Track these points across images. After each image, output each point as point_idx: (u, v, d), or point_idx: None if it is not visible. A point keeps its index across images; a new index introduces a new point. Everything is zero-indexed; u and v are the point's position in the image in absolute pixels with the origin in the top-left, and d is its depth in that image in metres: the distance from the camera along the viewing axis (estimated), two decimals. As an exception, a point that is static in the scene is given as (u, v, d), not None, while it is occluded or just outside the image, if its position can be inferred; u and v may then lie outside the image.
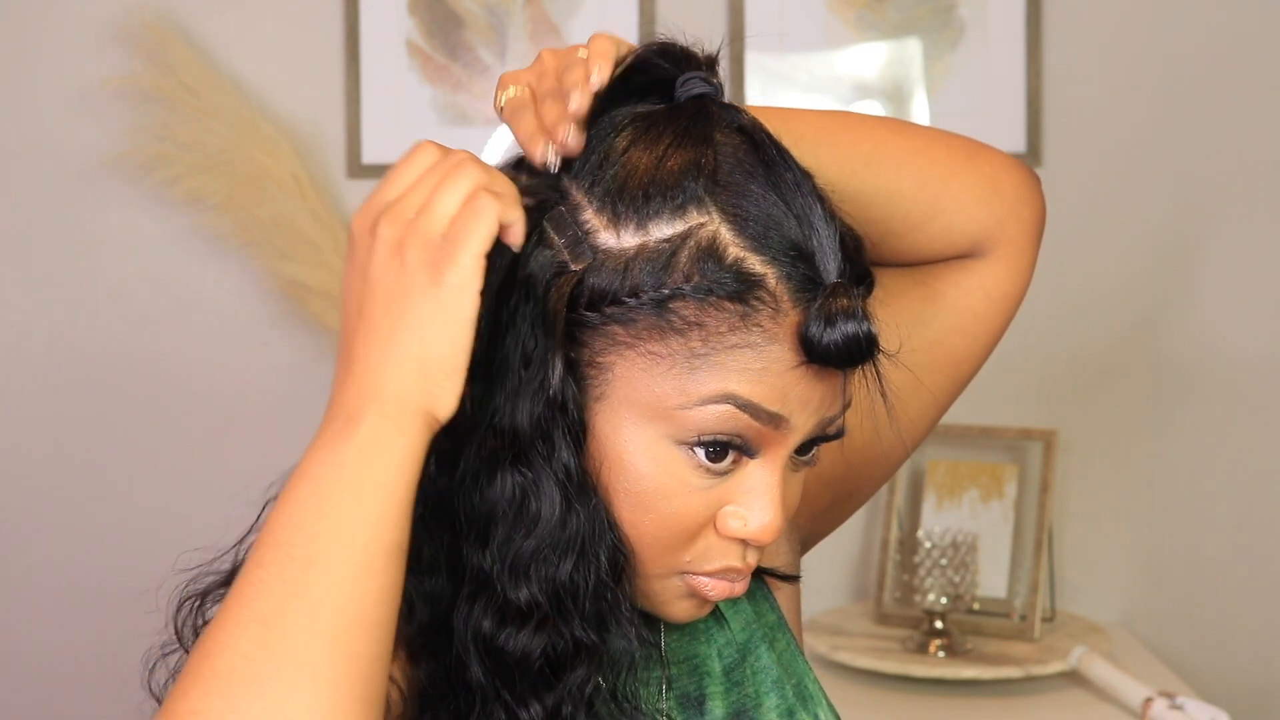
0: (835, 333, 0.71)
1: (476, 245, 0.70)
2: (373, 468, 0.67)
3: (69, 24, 2.21)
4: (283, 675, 0.62)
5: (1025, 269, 0.97)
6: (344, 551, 0.65)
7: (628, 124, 0.77)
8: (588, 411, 0.74)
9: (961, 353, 0.97)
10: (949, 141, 0.95)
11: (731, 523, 0.76)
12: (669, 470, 0.74)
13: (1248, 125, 2.15)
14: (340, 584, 0.64)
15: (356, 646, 0.64)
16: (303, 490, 0.67)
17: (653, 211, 0.73)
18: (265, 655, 0.62)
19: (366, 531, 0.66)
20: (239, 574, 0.66)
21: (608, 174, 0.75)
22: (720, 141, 0.75)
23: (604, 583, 0.74)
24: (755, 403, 0.73)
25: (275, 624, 0.63)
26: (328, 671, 0.62)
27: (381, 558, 0.66)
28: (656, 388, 0.73)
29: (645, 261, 0.73)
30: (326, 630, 0.63)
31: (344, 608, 0.64)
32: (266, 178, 2.14)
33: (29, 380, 2.25)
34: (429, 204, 0.71)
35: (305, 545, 0.65)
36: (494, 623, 0.73)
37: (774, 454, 0.75)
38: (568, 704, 0.74)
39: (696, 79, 0.77)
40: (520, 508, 0.73)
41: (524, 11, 2.20)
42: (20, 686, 2.26)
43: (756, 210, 0.73)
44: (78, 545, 2.26)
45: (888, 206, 0.92)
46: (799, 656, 0.92)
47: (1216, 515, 2.17)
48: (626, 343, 0.73)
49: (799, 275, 0.73)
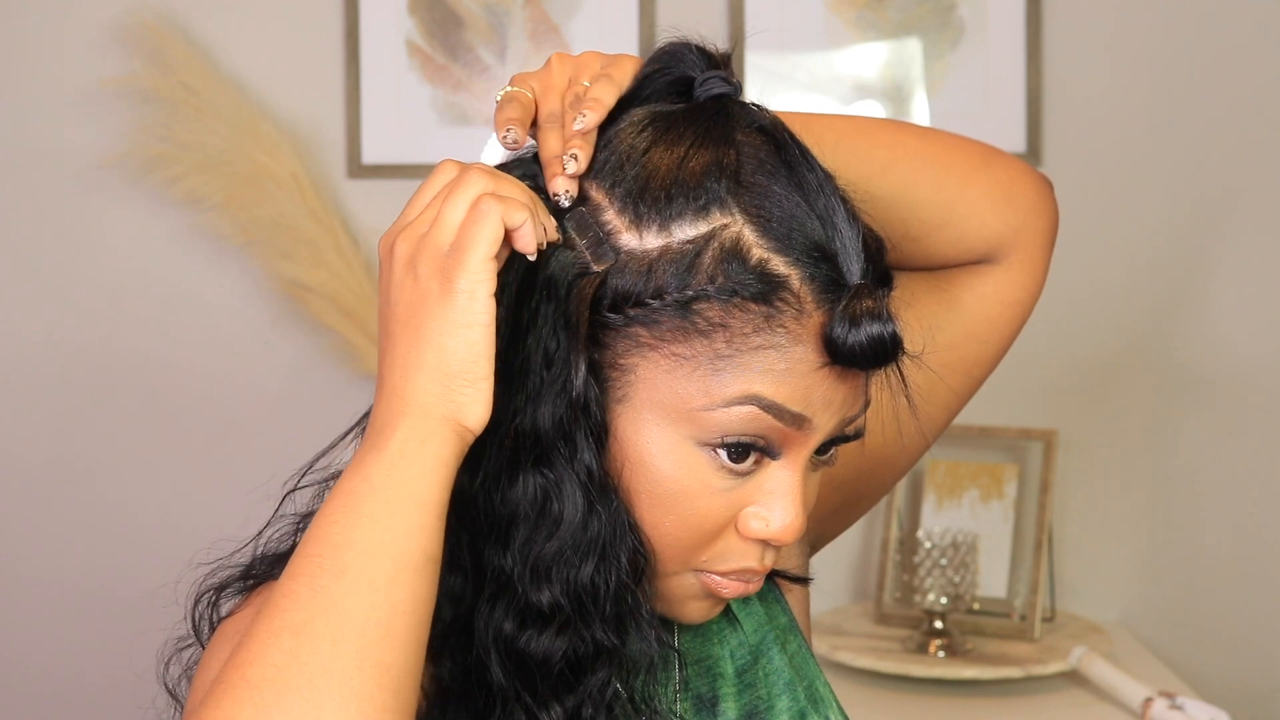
0: (860, 334, 0.72)
1: (483, 249, 0.70)
2: (402, 479, 0.67)
3: (69, 24, 2.21)
4: (313, 686, 0.62)
5: (1038, 275, 0.98)
6: (374, 562, 0.65)
7: (648, 124, 0.77)
8: (610, 413, 0.74)
9: (975, 357, 0.97)
10: (965, 148, 0.96)
11: (754, 524, 0.76)
12: (691, 472, 0.74)
13: (1248, 125, 2.15)
14: (370, 595, 0.64)
15: (386, 658, 0.64)
16: (336, 504, 0.67)
17: (675, 212, 0.73)
18: (296, 666, 0.62)
19: (396, 543, 0.66)
20: (276, 587, 0.67)
21: (629, 174, 0.75)
22: (742, 142, 0.75)
23: (625, 585, 0.74)
24: (779, 404, 0.73)
25: (306, 634, 0.63)
26: (357, 683, 0.62)
27: (411, 569, 0.66)
28: (680, 389, 0.73)
29: (669, 263, 0.73)
30: (355, 641, 0.63)
31: (373, 619, 0.64)
32: (266, 178, 2.14)
33: (28, 380, 2.25)
34: (438, 217, 0.71)
35: (336, 556, 0.65)
36: (515, 625, 0.73)
37: (796, 454, 0.75)
38: (588, 706, 0.74)
39: (717, 79, 0.78)
40: (542, 509, 0.73)
41: (524, 11, 2.20)
42: (16, 691, 2.26)
43: (779, 211, 0.73)
44: (77, 546, 2.26)
45: (904, 212, 0.92)
46: (810, 659, 0.92)
47: (1217, 515, 2.17)
48: (650, 344, 0.73)
49: (822, 276, 0.73)
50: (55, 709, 2.25)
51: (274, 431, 2.19)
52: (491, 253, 0.70)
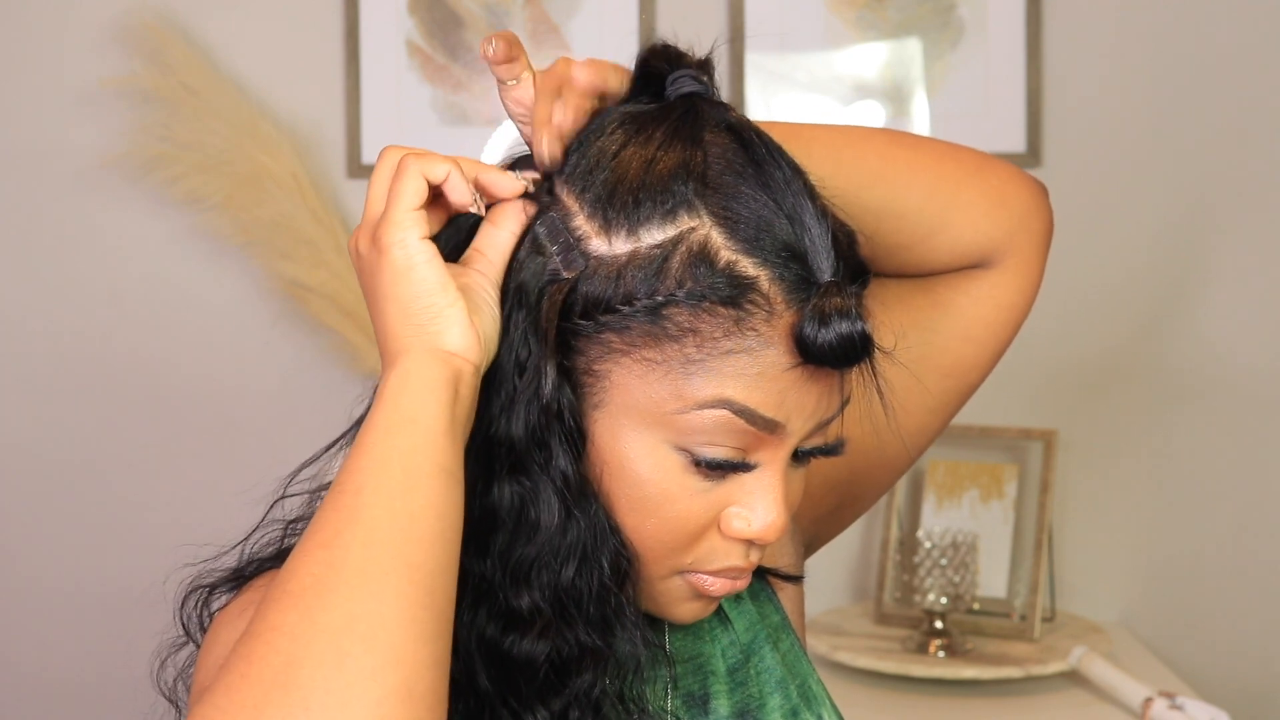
0: (830, 332, 0.71)
1: (404, 200, 0.72)
2: (396, 408, 0.70)
3: (69, 24, 2.21)
4: (351, 587, 0.64)
5: (1034, 279, 0.98)
6: (385, 475, 0.67)
7: (618, 125, 0.77)
8: (586, 419, 0.75)
9: (970, 360, 0.97)
10: (956, 155, 0.96)
11: (735, 523, 0.76)
12: (669, 475, 0.74)
13: (1248, 126, 2.15)
14: (388, 503, 0.67)
15: (415, 558, 0.65)
16: (351, 454, 0.70)
17: (643, 217, 0.73)
18: (332, 572, 0.65)
19: (403, 457, 0.68)
20: (309, 524, 0.69)
21: (598, 179, 0.75)
22: (709, 141, 0.75)
23: (607, 587, 0.74)
24: (751, 408, 0.73)
25: (337, 545, 0.65)
26: (393, 581, 0.64)
27: (424, 476, 0.68)
28: (653, 394, 0.73)
29: (637, 268, 0.73)
30: (383, 544, 0.65)
31: (395, 525, 0.66)
32: (266, 178, 2.14)
33: (29, 380, 2.25)
34: (370, 199, 0.75)
35: (352, 479, 0.68)
36: (498, 629, 0.74)
37: (772, 456, 0.76)
38: (575, 708, 0.74)
39: (686, 77, 0.78)
40: (520, 516, 0.74)
41: (524, 11, 2.20)
42: (18, 689, 2.26)
43: (747, 212, 0.73)
44: (77, 546, 2.26)
45: (897, 220, 0.92)
46: (803, 657, 0.92)
47: (1216, 515, 2.17)
48: (622, 350, 0.73)
49: (792, 276, 0.73)
50: (56, 710, 2.25)
51: (274, 431, 2.19)
52: (414, 203, 0.72)
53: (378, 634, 0.63)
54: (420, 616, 0.64)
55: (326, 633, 0.62)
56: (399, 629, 0.63)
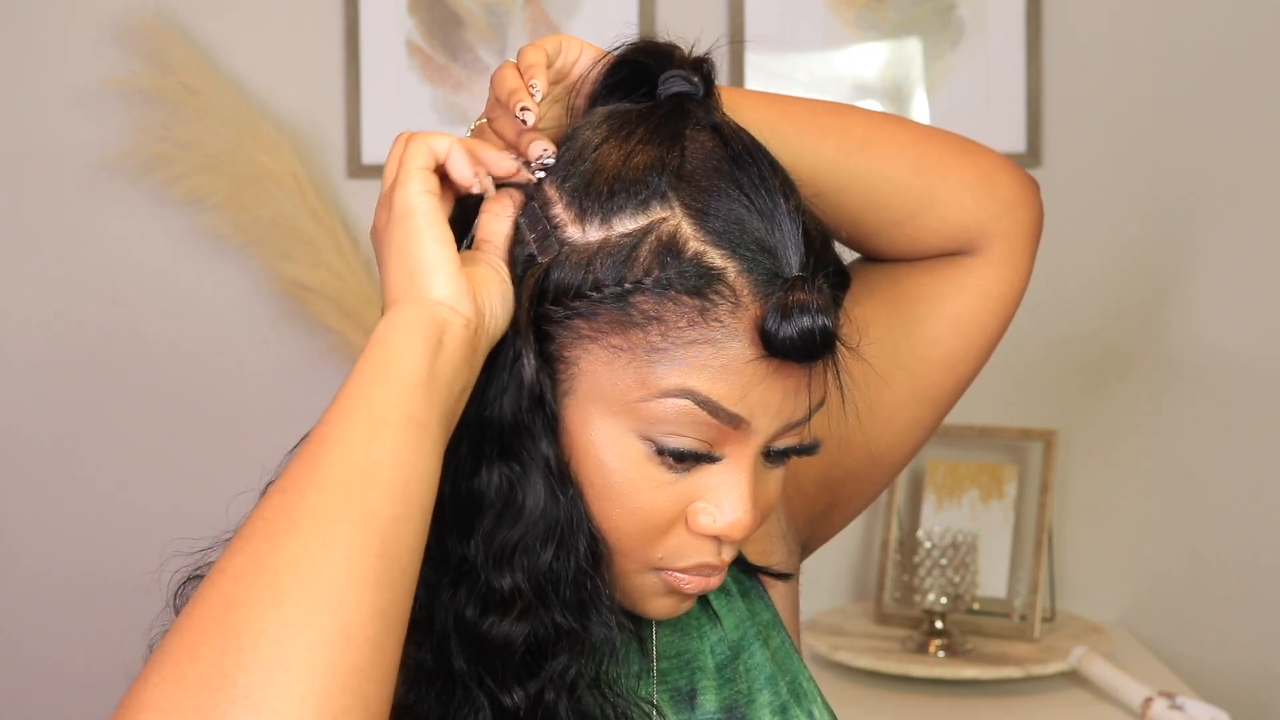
0: (791, 326, 0.71)
1: (411, 165, 0.73)
2: (369, 358, 0.70)
3: (69, 24, 2.21)
4: (299, 529, 0.63)
5: (1022, 271, 0.98)
6: (349, 423, 0.67)
7: (604, 121, 0.78)
8: (559, 405, 0.75)
9: (959, 352, 0.97)
10: (945, 136, 0.97)
11: (702, 519, 0.76)
12: (635, 464, 0.75)
13: (1247, 125, 2.15)
14: (349, 451, 0.66)
15: (371, 506, 0.65)
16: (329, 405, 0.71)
17: (617, 206, 0.74)
18: (284, 515, 0.64)
19: (370, 407, 0.68)
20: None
21: (579, 170, 0.76)
22: (689, 138, 0.76)
23: (584, 570, 0.75)
24: (714, 400, 0.73)
25: (293, 490, 0.65)
26: (343, 527, 0.64)
27: (390, 427, 0.67)
28: (618, 381, 0.74)
29: (607, 255, 0.74)
30: (336, 489, 0.65)
31: (353, 470, 0.65)
32: (266, 178, 2.14)
33: (29, 380, 2.25)
34: (384, 178, 0.76)
35: (320, 428, 0.68)
36: (477, 610, 0.74)
37: (738, 452, 0.76)
38: (550, 690, 0.75)
39: (677, 78, 0.78)
40: (507, 499, 0.74)
41: (524, 11, 2.20)
42: (16, 681, 2.26)
43: (719, 205, 0.74)
44: (78, 545, 2.26)
45: (884, 193, 0.92)
46: (794, 654, 0.92)
47: (1216, 515, 2.17)
48: (590, 336, 0.74)
49: (760, 269, 0.73)
50: (55, 701, 2.25)
51: (273, 431, 2.19)
52: (420, 164, 0.73)
53: (319, 576, 0.62)
54: (370, 564, 0.63)
55: (268, 572, 0.62)
56: (343, 574, 0.62)
